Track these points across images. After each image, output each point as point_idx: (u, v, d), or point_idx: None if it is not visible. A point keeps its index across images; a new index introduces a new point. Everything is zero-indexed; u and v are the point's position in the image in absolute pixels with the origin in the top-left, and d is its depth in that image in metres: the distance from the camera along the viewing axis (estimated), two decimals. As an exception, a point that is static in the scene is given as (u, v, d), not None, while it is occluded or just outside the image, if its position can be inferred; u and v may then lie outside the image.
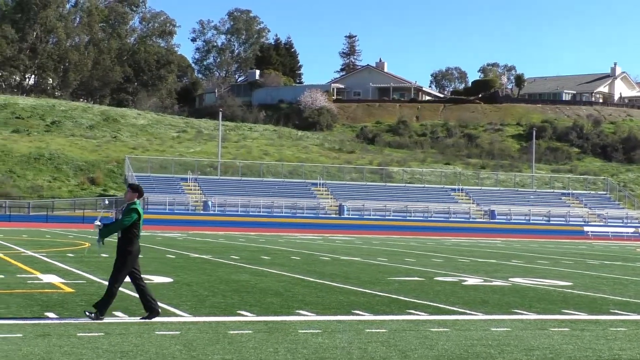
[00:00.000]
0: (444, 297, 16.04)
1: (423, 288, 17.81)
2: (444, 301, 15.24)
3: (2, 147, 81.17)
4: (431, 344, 10.28)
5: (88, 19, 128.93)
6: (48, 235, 39.73)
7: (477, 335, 11.11)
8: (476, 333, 11.29)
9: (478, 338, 10.82)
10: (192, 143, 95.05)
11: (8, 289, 15.40)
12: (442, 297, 15.89)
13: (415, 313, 13.40)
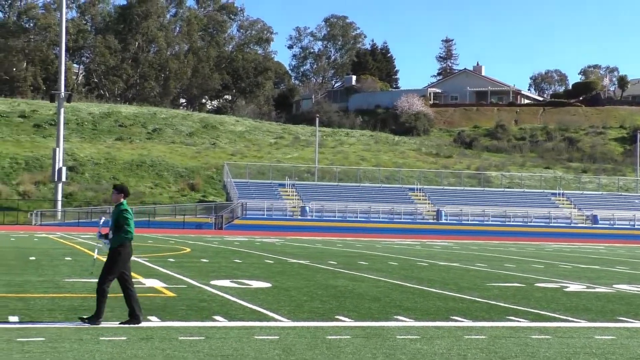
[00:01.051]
0: (545, 303, 15.73)
1: (523, 294, 17.51)
2: (545, 308, 14.95)
3: (106, 154, 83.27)
4: (532, 351, 10.09)
5: (187, 28, 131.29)
6: (150, 241, 40.52)
7: (580, 343, 10.85)
8: (579, 341, 11.03)
9: (581, 346, 10.56)
10: (289, 149, 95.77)
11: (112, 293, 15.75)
12: (543, 304, 15.59)
13: (516, 319, 13.18)
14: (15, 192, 71.72)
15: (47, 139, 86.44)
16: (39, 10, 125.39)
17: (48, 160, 75.08)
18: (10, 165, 76.81)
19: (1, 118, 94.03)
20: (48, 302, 14.14)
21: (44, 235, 45.28)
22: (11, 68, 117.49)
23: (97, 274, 12.18)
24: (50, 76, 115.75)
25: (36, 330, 10.96)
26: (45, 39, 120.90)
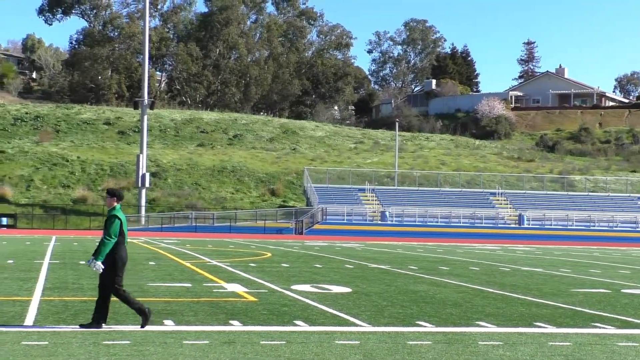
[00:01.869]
0: (632, 310, 15.38)
1: (609, 300, 17.15)
2: (632, 315, 14.62)
3: (188, 160, 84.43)
4: (619, 359, 9.88)
5: (268, 34, 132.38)
6: (231, 246, 40.93)
7: (669, 350, 10.59)
8: (667, 348, 10.77)
9: (670, 354, 10.31)
10: (369, 154, 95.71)
11: (195, 297, 15.96)
12: (630, 311, 15.25)
13: (601, 326, 12.92)
14: (100, 197, 73.20)
15: (131, 145, 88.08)
16: (124, 19, 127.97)
17: (132, 167, 76.48)
18: (96, 172, 78.47)
19: (87, 125, 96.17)
20: (133, 305, 14.37)
21: (129, 240, 46.12)
22: (97, 76, 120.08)
23: None
24: (134, 84, 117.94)
25: (121, 333, 11.17)
26: (129, 47, 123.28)
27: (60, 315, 12.91)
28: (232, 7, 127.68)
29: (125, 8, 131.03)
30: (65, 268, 22.78)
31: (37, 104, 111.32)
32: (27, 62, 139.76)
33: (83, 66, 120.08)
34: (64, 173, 77.35)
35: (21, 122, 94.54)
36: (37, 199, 71.77)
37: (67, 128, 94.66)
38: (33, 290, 16.63)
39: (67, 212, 69.32)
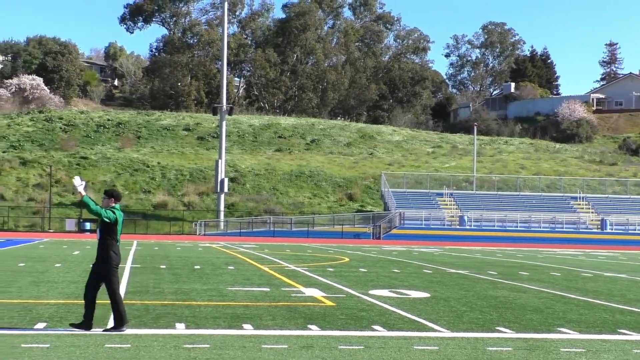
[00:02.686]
0: None
1: (696, 308, 16.69)
2: None
3: (266, 165, 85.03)
4: None
5: (345, 39, 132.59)
6: (309, 250, 41.07)
7: None
8: None
9: None
10: (447, 158, 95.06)
11: (274, 302, 16.05)
12: None
13: (688, 334, 12.58)
14: (180, 202, 74.23)
15: (210, 151, 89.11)
16: (202, 26, 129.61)
17: (211, 172, 77.34)
18: (176, 177, 79.58)
19: (167, 131, 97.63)
20: (212, 309, 14.53)
21: (208, 244, 46.64)
22: (176, 83, 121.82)
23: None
24: (213, 90, 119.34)
25: (201, 337, 11.29)
26: (208, 54, 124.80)
27: (141, 318, 13.11)
28: (310, 13, 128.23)
29: (204, 15, 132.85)
30: (146, 272, 23.14)
31: (119, 110, 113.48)
32: (109, 70, 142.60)
33: (163, 73, 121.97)
34: (145, 178, 78.65)
35: (103, 128, 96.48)
36: (119, 204, 73.08)
37: (148, 134, 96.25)
38: (115, 293, 16.93)
39: (148, 217, 70.44)
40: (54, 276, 21.02)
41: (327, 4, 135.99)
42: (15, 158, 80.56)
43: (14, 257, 29.46)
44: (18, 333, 11.29)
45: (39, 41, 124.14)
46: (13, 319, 12.61)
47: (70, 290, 17.36)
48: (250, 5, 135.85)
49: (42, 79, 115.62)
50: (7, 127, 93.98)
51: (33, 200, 72.07)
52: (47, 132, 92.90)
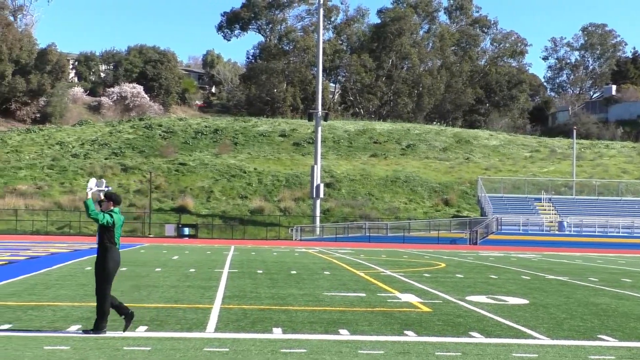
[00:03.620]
0: None
1: None
2: None
3: (362, 170, 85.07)
4: None
5: (440, 43, 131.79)
6: (405, 256, 40.90)
7: None
8: None
9: None
10: (545, 162, 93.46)
11: (370, 307, 16.04)
12: None
13: None
14: (277, 208, 74.87)
15: (305, 156, 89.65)
16: (298, 33, 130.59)
17: (307, 177, 77.79)
18: (272, 183, 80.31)
19: (263, 137, 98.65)
20: (309, 314, 14.60)
21: (304, 249, 46.90)
22: (272, 89, 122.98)
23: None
24: (308, 96, 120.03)
25: (298, 341, 11.35)
26: (304, 60, 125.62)
27: (239, 323, 13.27)
28: (405, 18, 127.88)
29: (300, 22, 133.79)
30: (244, 277, 23.40)
31: (216, 117, 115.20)
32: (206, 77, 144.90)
33: (259, 80, 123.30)
34: (242, 184, 79.60)
35: (201, 135, 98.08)
36: (216, 210, 74.19)
37: (245, 140, 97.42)
38: (214, 298, 17.18)
39: (245, 222, 71.27)
40: (154, 280, 21.45)
41: (423, 9, 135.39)
42: (116, 165, 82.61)
43: (116, 261, 30.15)
44: (120, 336, 11.56)
45: (140, 50, 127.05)
46: (115, 322, 12.90)
47: (170, 295, 17.69)
48: (345, 11, 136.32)
49: (142, 87, 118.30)
50: (109, 134, 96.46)
51: (134, 205, 73.72)
52: (147, 139, 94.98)
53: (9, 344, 10.68)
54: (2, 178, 77.35)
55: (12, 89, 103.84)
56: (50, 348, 10.40)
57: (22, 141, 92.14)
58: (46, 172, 79.91)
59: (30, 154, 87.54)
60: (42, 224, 69.02)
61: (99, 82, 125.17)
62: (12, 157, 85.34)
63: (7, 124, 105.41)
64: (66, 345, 10.67)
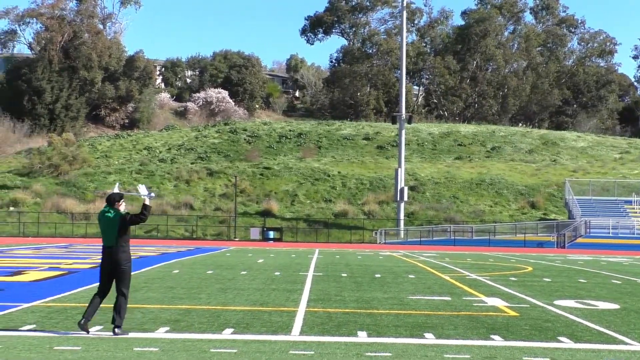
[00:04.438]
0: None
1: None
2: None
3: (446, 173, 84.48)
4: None
5: (526, 44, 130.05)
6: (491, 259, 40.44)
7: None
8: None
9: None
10: (636, 164, 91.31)
11: (455, 311, 15.91)
12: None
13: None
14: (361, 211, 74.87)
15: (389, 159, 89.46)
16: (381, 36, 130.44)
17: (391, 181, 77.63)
18: (356, 186, 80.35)
19: (347, 141, 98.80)
20: (393, 318, 14.55)
21: (388, 253, 46.79)
22: (356, 93, 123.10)
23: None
24: (392, 99, 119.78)
25: (383, 345, 11.32)
26: (387, 63, 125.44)
27: (324, 326, 13.29)
28: (490, 19, 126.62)
29: (383, 25, 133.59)
30: (328, 280, 23.45)
31: (300, 121, 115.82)
32: (290, 82, 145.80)
33: (343, 83, 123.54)
34: (326, 188, 79.85)
35: (285, 139, 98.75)
36: (300, 213, 74.57)
37: (328, 144, 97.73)
38: (299, 301, 17.26)
39: (329, 225, 71.45)
40: (240, 283, 21.66)
41: (507, 9, 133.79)
42: (202, 169, 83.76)
43: (203, 264, 30.58)
44: (207, 338, 11.70)
45: (224, 55, 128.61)
46: (202, 325, 13.07)
47: (256, 298, 17.83)
48: (428, 13, 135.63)
49: (227, 92, 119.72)
50: (195, 139, 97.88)
51: (219, 209, 74.63)
52: (232, 144, 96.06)
53: (100, 344, 10.91)
54: (92, 183, 79.19)
55: (102, 95, 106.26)
56: (139, 349, 10.59)
57: (111, 146, 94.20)
58: (134, 177, 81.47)
59: (119, 159, 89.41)
60: (131, 227, 70.36)
61: (185, 87, 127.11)
62: (102, 162, 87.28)
63: (97, 129, 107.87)
64: (155, 346, 10.86)
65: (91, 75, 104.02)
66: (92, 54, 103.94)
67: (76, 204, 72.90)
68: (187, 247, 50.42)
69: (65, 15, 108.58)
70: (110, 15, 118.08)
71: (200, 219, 72.06)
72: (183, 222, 72.05)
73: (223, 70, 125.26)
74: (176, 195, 76.77)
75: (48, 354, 10.19)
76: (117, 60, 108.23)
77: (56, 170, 79.60)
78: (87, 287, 19.57)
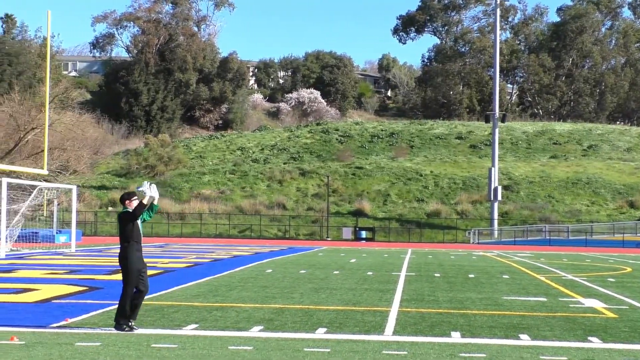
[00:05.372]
0: None
1: None
2: None
3: (541, 172, 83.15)
4: None
5: (624, 40, 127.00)
6: (587, 260, 39.65)
7: None
8: None
9: None
10: None
11: (550, 312, 15.65)
12: None
13: None
14: (454, 211, 74.31)
15: (482, 159, 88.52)
16: (474, 34, 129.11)
17: (484, 180, 76.81)
18: (449, 186, 79.77)
19: (439, 140, 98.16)
20: (488, 319, 14.40)
21: (481, 253, 46.31)
22: (448, 92, 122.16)
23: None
24: (485, 97, 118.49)
25: (477, 346, 11.22)
26: (480, 61, 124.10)
27: (417, 326, 13.24)
28: (586, 15, 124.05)
29: (476, 23, 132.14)
30: (421, 280, 23.34)
31: (392, 121, 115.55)
32: (382, 81, 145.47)
33: (435, 82, 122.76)
34: (418, 187, 79.50)
35: (377, 139, 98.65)
36: (393, 213, 74.42)
37: (421, 143, 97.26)
38: (391, 301, 17.22)
39: (422, 225, 71.12)
40: (332, 283, 21.73)
41: (605, 5, 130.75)
42: (295, 169, 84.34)
43: (296, 264, 30.79)
44: (301, 337, 11.78)
45: (317, 56, 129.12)
46: (296, 324, 13.16)
47: (348, 297, 17.86)
48: (523, 10, 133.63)
49: (319, 92, 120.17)
50: (288, 139, 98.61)
51: (312, 209, 75.04)
52: (324, 144, 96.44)
53: (196, 343, 11.09)
54: (187, 183, 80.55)
55: (196, 97, 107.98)
56: (234, 348, 10.72)
57: (205, 147, 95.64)
58: (228, 177, 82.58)
59: (213, 159, 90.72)
60: (224, 227, 71.36)
61: (277, 88, 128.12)
62: (197, 162, 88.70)
63: (192, 130, 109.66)
64: (249, 345, 10.98)
65: (186, 77, 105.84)
66: (187, 56, 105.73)
67: (172, 204, 74.26)
68: (280, 246, 50.85)
69: (161, 18, 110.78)
70: (205, 18, 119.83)
71: (292, 218, 72.58)
72: (276, 221, 72.68)
73: (315, 70, 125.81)
74: (269, 195, 77.49)
75: (146, 351, 10.40)
76: (211, 62, 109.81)
77: (152, 171, 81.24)
78: (182, 286, 19.93)
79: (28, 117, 65.48)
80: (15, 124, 65.96)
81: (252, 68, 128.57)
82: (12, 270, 24.64)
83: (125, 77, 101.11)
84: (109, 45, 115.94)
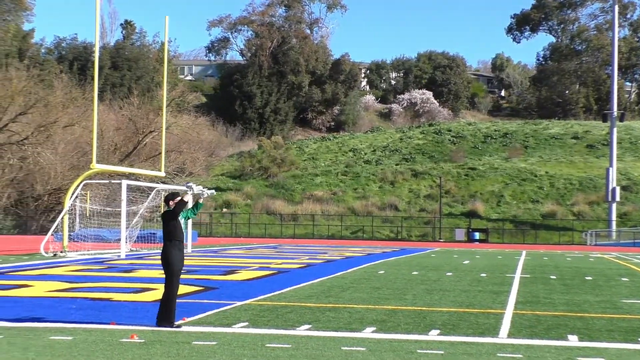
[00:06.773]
0: None
1: None
2: None
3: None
4: None
5: None
6: None
7: None
8: None
9: None
10: None
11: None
12: None
13: None
14: (569, 212, 72.76)
15: (599, 159, 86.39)
16: (591, 32, 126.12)
17: (601, 181, 74.96)
18: (565, 186, 78.13)
19: (555, 140, 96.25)
20: (606, 322, 14.05)
21: (599, 255, 45.20)
22: (564, 91, 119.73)
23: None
24: (602, 96, 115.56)
25: (595, 350, 10.97)
26: (597, 59, 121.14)
27: (533, 329, 13.03)
28: None
29: (593, 20, 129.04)
30: (536, 282, 22.94)
31: (506, 121, 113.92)
32: (495, 81, 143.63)
33: (550, 81, 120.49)
34: (533, 188, 78.14)
35: (491, 139, 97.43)
36: (507, 214, 73.36)
37: (535, 143, 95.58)
38: (505, 303, 16.99)
39: (537, 226, 69.89)
40: (445, 284, 21.58)
41: None
42: (407, 170, 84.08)
43: (409, 265, 30.70)
44: (413, 339, 11.74)
45: (429, 56, 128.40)
46: (408, 325, 13.13)
47: (462, 299, 17.70)
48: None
49: (431, 93, 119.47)
50: (400, 140, 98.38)
51: (424, 210, 74.66)
52: (437, 144, 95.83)
53: (309, 343, 11.19)
54: (300, 185, 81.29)
55: (309, 99, 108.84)
56: (347, 349, 10.77)
57: (317, 149, 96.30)
58: (340, 179, 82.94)
59: (326, 161, 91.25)
60: (336, 228, 71.71)
61: (389, 89, 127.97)
62: (309, 164, 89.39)
63: (305, 132, 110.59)
64: (362, 346, 11.01)
65: (299, 79, 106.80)
66: (299, 59, 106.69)
67: (285, 205, 75.07)
68: (392, 247, 50.78)
69: (274, 21, 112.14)
70: (317, 20, 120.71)
71: (405, 220, 72.37)
72: (388, 223, 72.61)
73: (427, 71, 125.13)
74: (381, 196, 77.47)
75: (260, 350, 10.55)
76: (324, 64, 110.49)
77: (266, 173, 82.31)
78: (296, 286, 20.12)
79: (146, 120, 67.35)
80: (134, 127, 67.93)
81: (364, 69, 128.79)
82: (132, 270, 25.35)
83: (239, 80, 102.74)
84: (224, 49, 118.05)
